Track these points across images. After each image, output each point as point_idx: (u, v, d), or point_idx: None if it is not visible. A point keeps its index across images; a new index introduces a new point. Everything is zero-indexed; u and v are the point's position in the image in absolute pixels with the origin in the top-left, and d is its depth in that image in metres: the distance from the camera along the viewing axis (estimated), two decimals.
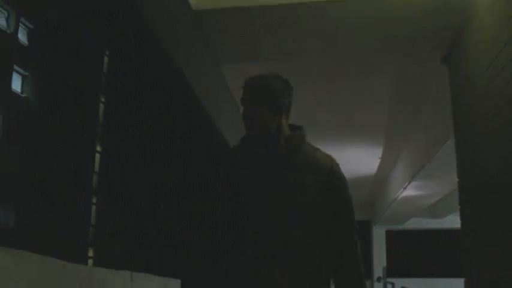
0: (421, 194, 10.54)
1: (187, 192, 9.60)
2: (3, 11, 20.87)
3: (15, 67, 20.89)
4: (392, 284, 20.19)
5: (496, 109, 3.12)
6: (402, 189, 11.99)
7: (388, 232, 23.48)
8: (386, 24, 4.62)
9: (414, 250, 22.54)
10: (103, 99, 19.14)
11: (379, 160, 11.86)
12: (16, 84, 21.07)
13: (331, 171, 2.74)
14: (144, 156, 17.04)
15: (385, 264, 22.74)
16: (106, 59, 19.66)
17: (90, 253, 18.22)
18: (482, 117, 3.53)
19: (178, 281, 8.39)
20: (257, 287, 2.58)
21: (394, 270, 22.28)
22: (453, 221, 11.24)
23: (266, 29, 5.25)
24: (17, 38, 22.10)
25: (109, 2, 15.67)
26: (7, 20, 21.19)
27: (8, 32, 21.26)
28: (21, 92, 21.97)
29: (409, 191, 11.87)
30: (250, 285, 2.56)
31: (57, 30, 21.52)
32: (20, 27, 21.80)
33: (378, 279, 22.22)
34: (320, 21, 5.22)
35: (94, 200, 17.86)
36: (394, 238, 23.45)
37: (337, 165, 2.86)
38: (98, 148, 18.47)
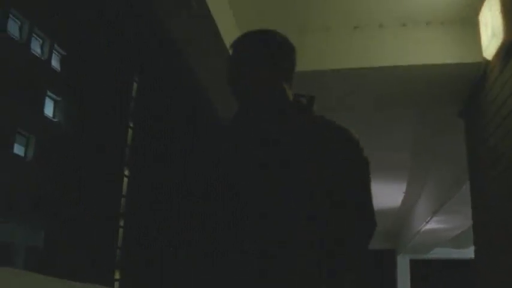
0: (444, 227, 10.40)
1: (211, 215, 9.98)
2: (38, 38, 21.60)
3: (48, 92, 21.67)
4: None
5: (506, 161, 3.43)
6: (425, 222, 12.00)
7: (412, 261, 22.78)
8: (410, 83, 5.18)
9: (438, 279, 21.73)
10: (131, 124, 19.53)
11: (403, 194, 12.08)
12: (48, 109, 21.96)
13: (348, 146, 2.17)
14: (170, 180, 17.26)
15: None
16: (135, 85, 19.98)
17: (117, 275, 18.87)
18: (494, 166, 3.75)
19: None
20: (257, 287, 2.19)
21: None
22: None
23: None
24: (51, 64, 22.82)
25: (140, 32, 15.85)
26: (41, 47, 21.97)
27: (43, 58, 21.99)
28: (53, 117, 22.83)
29: (432, 225, 11.87)
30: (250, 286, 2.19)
31: (89, 57, 21.96)
32: (53, 54, 22.52)
33: None
34: (360, 82, 5.47)
35: (121, 223, 18.42)
36: (418, 267, 22.59)
37: (357, 140, 2.21)
38: (126, 172, 18.97)
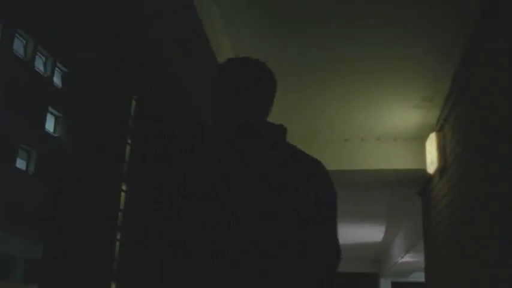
0: (416, 260, 11.97)
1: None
2: (41, 56, 22.07)
3: (50, 108, 22.03)
4: None
5: (446, 230, 5.38)
6: (400, 257, 13.88)
7: (394, 283, 24.40)
8: (384, 176, 7.37)
9: None
10: (129, 141, 19.82)
11: (383, 233, 14.48)
12: (49, 125, 22.34)
13: (316, 168, 2.12)
14: (167, 195, 17.63)
15: None
16: (134, 102, 20.26)
17: (113, 287, 19.27)
18: (441, 234, 5.79)
19: None
20: None
21: None
22: None
23: None
24: (53, 81, 23.22)
25: (137, 50, 16.19)
26: (44, 64, 22.40)
27: (45, 75, 22.42)
28: (54, 132, 23.17)
29: (406, 259, 13.48)
30: None
31: (89, 74, 22.27)
32: (55, 71, 22.83)
33: None
34: (350, 178, 7.58)
35: (118, 236, 18.76)
36: None
37: (327, 171, 2.17)
38: (124, 187, 19.32)
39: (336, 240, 1.99)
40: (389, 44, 4.24)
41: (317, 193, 2.01)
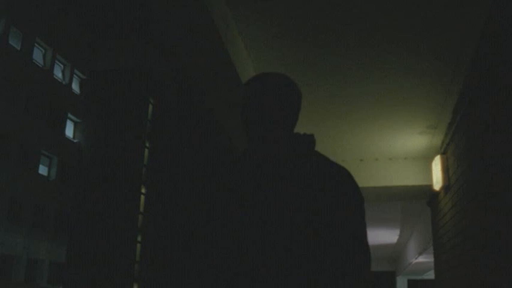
0: (430, 261, 12.61)
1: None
2: (60, 64, 22.48)
3: (69, 115, 22.37)
4: None
5: (452, 239, 6.14)
6: (414, 258, 14.88)
7: (410, 281, 24.88)
8: (395, 192, 8.42)
9: None
10: (148, 144, 20.19)
11: (397, 236, 15.87)
12: (69, 131, 22.67)
13: (342, 174, 2.11)
14: (186, 196, 17.78)
15: None
16: (151, 107, 20.67)
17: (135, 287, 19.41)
18: (447, 239, 6.62)
19: None
20: None
21: None
22: None
23: None
24: (71, 88, 23.60)
25: (154, 57, 16.44)
26: (63, 72, 22.80)
27: (64, 83, 22.83)
28: (73, 138, 23.51)
29: (420, 259, 14.27)
30: None
31: (107, 80, 22.59)
32: (73, 78, 23.10)
33: None
34: (365, 194, 8.62)
35: (139, 238, 19.06)
36: (416, 286, 24.28)
37: (354, 178, 2.16)
38: (143, 190, 19.62)
39: (364, 241, 1.97)
40: (400, 82, 5.17)
41: (343, 197, 2.00)
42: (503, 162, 3.60)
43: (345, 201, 1.98)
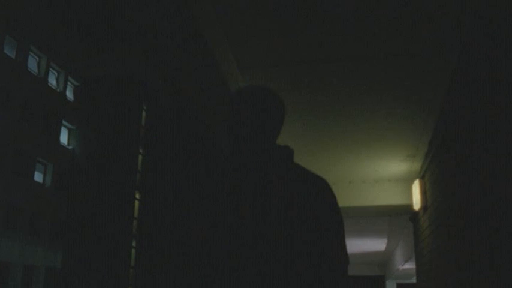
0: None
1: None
2: (53, 71, 22.61)
3: (63, 122, 22.48)
4: None
5: (430, 252, 6.84)
6: (401, 265, 15.90)
7: (399, 285, 25.90)
8: (381, 210, 9.30)
9: None
10: (141, 150, 20.40)
11: (385, 244, 16.79)
12: (63, 137, 22.77)
13: (320, 184, 2.13)
14: (179, 201, 17.98)
15: None
16: (144, 113, 20.87)
17: None
18: (426, 252, 7.32)
19: None
20: None
21: None
22: None
23: None
24: (65, 95, 23.71)
25: (147, 65, 16.60)
26: (57, 79, 22.96)
27: (58, 90, 22.98)
28: (68, 144, 23.65)
29: (407, 266, 15.28)
30: None
31: (99, 86, 22.75)
32: (67, 85, 23.14)
33: None
34: (355, 212, 9.65)
35: (133, 244, 19.29)
36: None
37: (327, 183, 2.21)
38: (137, 195, 19.88)
39: (342, 247, 2.01)
40: (383, 122, 6.19)
41: (323, 205, 2.02)
42: (469, 191, 4.27)
43: (324, 209, 2.01)
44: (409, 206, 8.35)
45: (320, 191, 2.07)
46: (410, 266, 14.06)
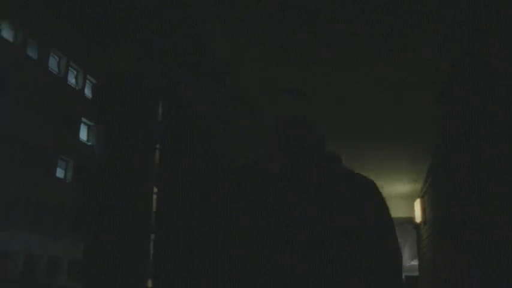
0: None
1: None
2: (73, 70, 23.15)
3: (83, 119, 22.98)
4: None
5: (429, 258, 8.26)
6: (409, 263, 17.62)
7: (406, 277, 27.19)
8: None
9: None
10: (158, 146, 20.87)
11: None
12: (83, 134, 23.27)
13: (369, 187, 2.05)
14: (195, 195, 18.38)
15: None
16: (160, 110, 21.30)
17: (149, 284, 20.39)
18: (424, 255, 8.74)
19: None
20: None
21: None
22: None
23: None
24: (84, 93, 24.25)
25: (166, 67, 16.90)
26: (76, 78, 23.54)
27: (77, 88, 23.55)
28: (87, 141, 24.20)
29: (413, 263, 16.49)
30: None
31: (118, 83, 23.24)
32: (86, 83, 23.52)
33: None
34: None
35: (152, 237, 19.83)
36: (411, 281, 26.57)
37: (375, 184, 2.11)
38: (155, 189, 20.40)
39: (397, 250, 1.94)
40: (392, 159, 8.26)
41: (372, 210, 1.96)
42: (446, 214, 5.86)
43: (376, 212, 1.94)
44: (412, 219, 9.92)
45: (366, 194, 2.01)
46: (415, 263, 15.67)
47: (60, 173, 20.67)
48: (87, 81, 22.29)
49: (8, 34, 18.30)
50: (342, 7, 4.02)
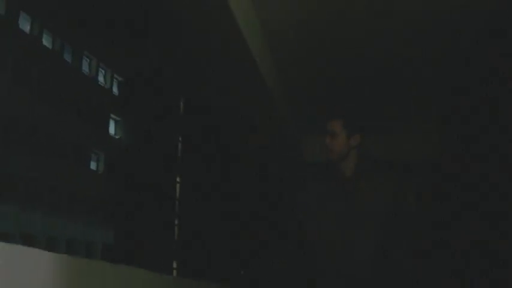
0: None
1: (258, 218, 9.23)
2: (101, 70, 24.10)
3: (111, 115, 23.75)
4: None
5: None
6: None
7: None
8: None
9: None
10: (180, 138, 21.56)
11: None
12: (111, 129, 23.95)
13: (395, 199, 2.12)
14: (217, 185, 19.02)
15: None
16: (181, 104, 22.00)
17: (174, 265, 21.18)
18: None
19: None
20: None
21: None
22: None
23: None
24: (112, 90, 25.01)
25: (184, 59, 17.56)
26: (104, 77, 24.55)
27: (106, 87, 24.48)
28: (115, 135, 24.96)
29: None
30: None
31: (142, 80, 24.15)
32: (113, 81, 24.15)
33: None
34: None
35: (176, 222, 20.56)
36: None
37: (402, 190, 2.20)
38: (178, 179, 21.06)
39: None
40: None
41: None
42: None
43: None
44: None
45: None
46: None
47: (93, 165, 21.00)
48: (114, 79, 22.99)
49: (47, 41, 19.41)
50: None
